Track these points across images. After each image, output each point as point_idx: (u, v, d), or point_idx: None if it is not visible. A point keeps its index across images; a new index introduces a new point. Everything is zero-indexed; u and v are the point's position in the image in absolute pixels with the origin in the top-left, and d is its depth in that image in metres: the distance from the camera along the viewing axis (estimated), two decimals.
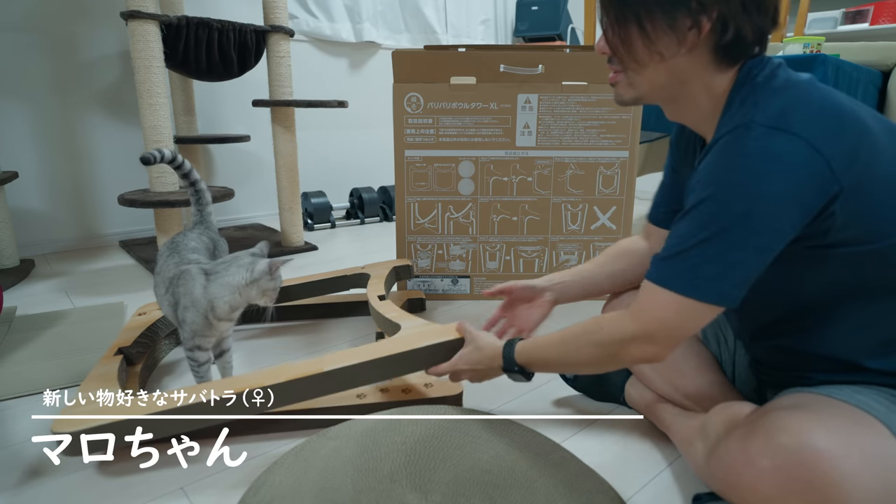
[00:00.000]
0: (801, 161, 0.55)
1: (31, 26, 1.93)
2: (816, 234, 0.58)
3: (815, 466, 0.53)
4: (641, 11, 0.61)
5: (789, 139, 0.55)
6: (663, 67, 0.64)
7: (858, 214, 0.57)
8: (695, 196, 0.60)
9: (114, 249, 2.14)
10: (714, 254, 0.58)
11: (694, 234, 0.59)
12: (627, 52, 0.65)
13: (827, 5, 2.97)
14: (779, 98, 0.58)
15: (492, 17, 3.43)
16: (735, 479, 0.60)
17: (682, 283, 0.60)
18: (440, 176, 1.49)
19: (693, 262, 0.59)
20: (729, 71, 0.64)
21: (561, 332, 0.75)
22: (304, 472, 0.76)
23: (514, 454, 0.81)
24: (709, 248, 0.58)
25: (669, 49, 0.62)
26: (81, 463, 0.84)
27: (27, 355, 1.19)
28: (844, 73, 1.46)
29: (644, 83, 0.67)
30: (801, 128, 0.55)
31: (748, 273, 0.58)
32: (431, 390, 0.97)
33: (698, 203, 0.59)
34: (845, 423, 0.57)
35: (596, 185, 1.50)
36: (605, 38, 0.67)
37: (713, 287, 0.59)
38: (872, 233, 0.58)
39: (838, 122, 0.56)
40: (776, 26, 0.63)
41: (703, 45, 0.62)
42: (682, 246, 0.60)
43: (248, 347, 1.26)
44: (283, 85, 1.98)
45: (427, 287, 1.57)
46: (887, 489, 0.52)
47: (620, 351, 0.66)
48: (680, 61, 0.63)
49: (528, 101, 1.44)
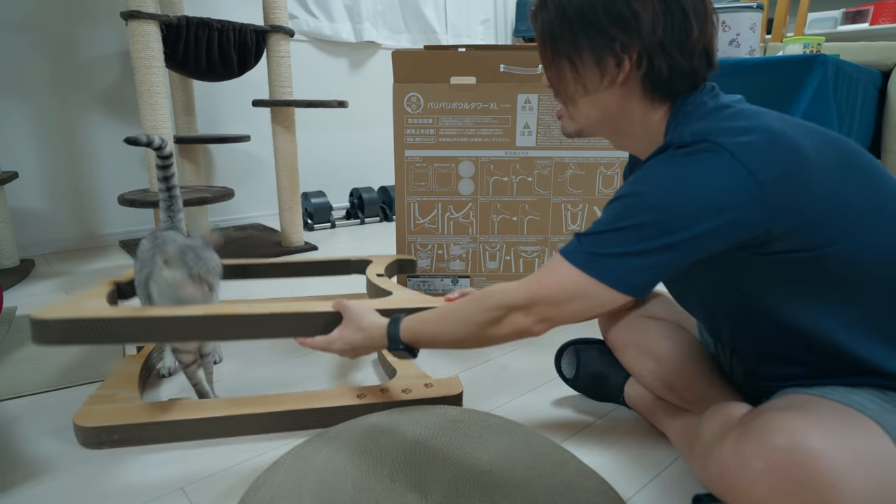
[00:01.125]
0: (723, 169, 0.57)
1: (31, 26, 1.93)
2: (755, 244, 0.60)
3: (808, 467, 0.52)
4: (571, 50, 0.67)
5: (714, 149, 0.57)
6: (593, 101, 0.69)
7: (797, 228, 0.58)
8: (622, 189, 0.63)
9: (114, 249, 2.14)
10: (624, 240, 0.60)
11: (610, 221, 0.62)
12: (561, 86, 0.71)
13: (827, 5, 2.97)
14: (708, 120, 0.62)
15: (492, 17, 3.43)
16: (729, 481, 0.60)
17: (584, 259, 0.62)
18: (440, 176, 1.49)
19: (602, 244, 0.62)
20: (663, 105, 0.67)
21: (446, 306, 0.75)
22: (304, 472, 0.77)
23: (514, 454, 0.81)
24: (621, 235, 0.60)
25: (594, 83, 0.67)
26: (81, 463, 0.84)
27: (27, 355, 1.19)
28: (844, 73, 1.46)
29: (581, 116, 0.72)
30: (727, 142, 0.57)
31: (654, 265, 0.60)
32: (431, 390, 0.97)
33: (621, 196, 0.62)
34: (839, 424, 0.57)
35: (596, 185, 1.50)
36: (545, 72, 0.73)
37: (613, 269, 0.61)
38: (816, 242, 0.59)
39: (766, 142, 0.57)
40: (712, 68, 0.66)
41: (632, 81, 0.66)
42: (597, 228, 0.63)
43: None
44: (283, 85, 1.98)
45: (427, 287, 1.57)
46: (881, 489, 0.52)
47: (500, 320, 0.67)
48: (609, 96, 0.68)
49: (528, 101, 1.44)
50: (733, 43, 1.58)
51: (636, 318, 0.90)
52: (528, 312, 0.66)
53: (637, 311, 0.92)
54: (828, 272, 0.60)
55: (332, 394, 0.96)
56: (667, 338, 0.86)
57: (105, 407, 0.90)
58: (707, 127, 0.60)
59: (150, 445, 0.88)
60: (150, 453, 0.86)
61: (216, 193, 1.81)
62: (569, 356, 1.03)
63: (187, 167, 2.21)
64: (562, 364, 1.04)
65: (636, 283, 0.61)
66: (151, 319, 0.83)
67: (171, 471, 0.82)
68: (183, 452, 0.87)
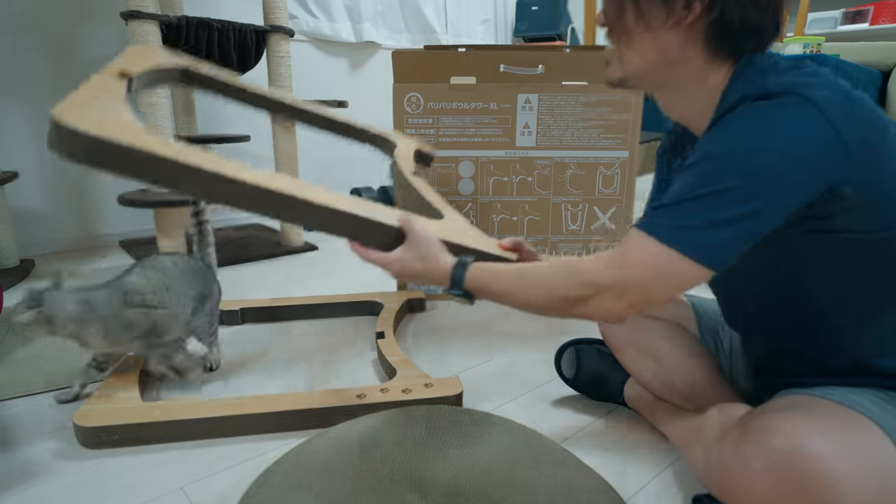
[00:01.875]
0: (812, 124, 0.53)
1: (31, 26, 1.93)
2: (824, 214, 0.56)
3: (808, 468, 0.52)
4: None
5: (801, 102, 0.53)
6: (652, 41, 0.63)
7: (866, 203, 0.55)
8: (694, 155, 0.59)
9: (114, 249, 2.14)
10: (707, 209, 0.56)
11: (689, 190, 0.57)
12: (619, 20, 0.65)
13: (827, 5, 2.97)
14: (788, 75, 0.57)
15: (492, 17, 3.43)
16: (729, 482, 0.60)
17: (668, 232, 0.57)
18: (440, 176, 1.49)
19: (684, 214, 0.57)
20: (724, 64, 0.63)
21: (521, 266, 0.71)
22: (304, 472, 0.77)
23: (514, 454, 0.81)
24: (703, 203, 0.56)
25: (657, 20, 0.62)
26: (81, 463, 0.84)
27: (27, 355, 1.19)
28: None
29: (634, 57, 0.66)
30: (815, 96, 0.53)
31: (740, 235, 0.56)
32: (431, 390, 0.97)
33: (698, 160, 0.58)
34: (839, 425, 0.56)
35: (596, 185, 1.50)
36: (603, 8, 0.67)
37: (700, 242, 0.56)
38: (880, 223, 0.57)
39: (851, 106, 0.54)
40: (777, 32, 0.62)
41: (697, 27, 0.61)
42: (675, 199, 0.58)
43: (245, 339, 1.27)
44: (283, 85, 1.98)
45: (427, 287, 1.57)
46: (881, 490, 0.52)
47: (587, 299, 0.63)
48: (670, 38, 0.62)
49: (528, 101, 1.44)
50: None
51: (635, 318, 0.90)
52: (619, 297, 0.61)
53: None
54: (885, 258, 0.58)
55: (332, 394, 0.96)
56: (666, 338, 0.86)
57: (105, 407, 0.91)
58: (791, 80, 0.56)
59: (150, 445, 0.88)
60: (150, 453, 0.86)
61: None
62: (569, 356, 1.03)
63: None
64: (562, 364, 1.04)
65: (721, 257, 0.56)
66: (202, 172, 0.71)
67: (171, 471, 0.82)
68: (183, 452, 0.87)
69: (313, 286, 1.69)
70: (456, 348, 1.25)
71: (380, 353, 1.15)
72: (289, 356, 1.21)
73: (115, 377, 1.00)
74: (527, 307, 0.70)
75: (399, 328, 1.37)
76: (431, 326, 1.38)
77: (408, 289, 1.56)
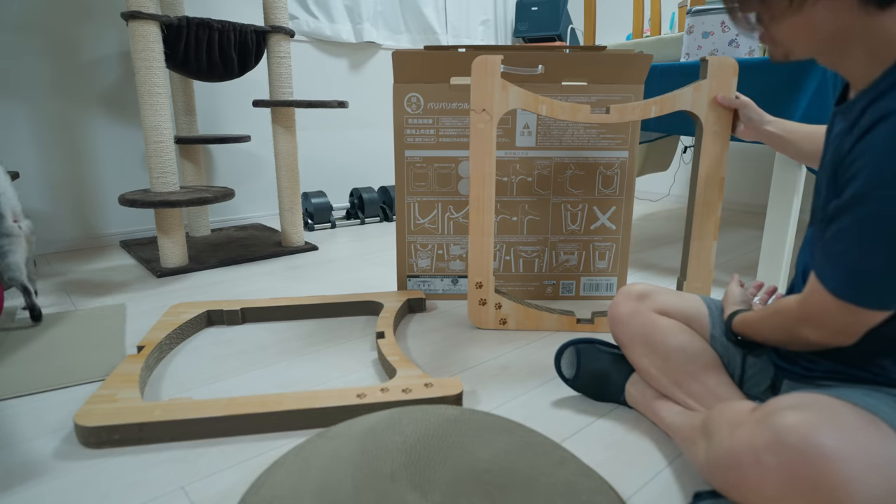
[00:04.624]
0: None
1: (31, 26, 1.93)
2: None
3: (820, 466, 0.52)
4: None
5: None
6: (800, 18, 0.60)
7: None
8: (855, 187, 0.56)
9: (114, 249, 2.14)
10: (878, 259, 0.55)
11: (856, 234, 0.56)
12: (764, 5, 0.62)
13: None
14: None
15: (492, 18, 3.43)
16: (738, 478, 0.60)
17: (839, 284, 0.59)
18: (440, 176, 1.49)
19: (854, 265, 0.57)
20: (886, 11, 0.56)
21: (768, 308, 0.75)
22: (304, 471, 0.77)
23: (514, 454, 0.81)
24: (873, 252, 0.55)
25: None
26: (81, 463, 0.84)
27: (27, 355, 1.19)
28: None
29: (786, 38, 0.63)
30: None
31: None
32: (431, 390, 0.97)
33: (861, 197, 0.55)
34: (853, 425, 0.56)
35: (596, 185, 1.50)
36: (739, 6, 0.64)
37: (874, 294, 0.57)
38: None
39: None
40: None
41: None
42: (842, 244, 0.58)
43: (253, 344, 1.27)
44: (283, 85, 1.99)
45: (427, 287, 1.57)
46: (893, 492, 0.52)
47: (799, 332, 0.67)
48: (819, 10, 0.58)
49: None
50: (733, 43, 1.58)
51: (644, 315, 0.90)
52: (822, 329, 0.64)
53: (645, 308, 0.91)
54: None
55: (332, 394, 0.96)
56: (675, 335, 0.87)
57: (105, 407, 0.91)
58: None
59: (151, 445, 0.88)
60: (150, 453, 0.86)
61: (216, 193, 1.81)
62: (569, 356, 1.03)
63: (188, 167, 2.21)
64: (562, 364, 1.04)
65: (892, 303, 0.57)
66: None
67: (171, 471, 0.82)
68: (183, 452, 0.87)
69: (313, 286, 1.70)
70: (456, 348, 1.25)
71: (380, 352, 1.15)
72: (289, 356, 1.21)
73: (116, 377, 1.00)
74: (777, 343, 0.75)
75: (399, 328, 1.37)
76: (431, 326, 1.38)
77: (407, 289, 1.56)
